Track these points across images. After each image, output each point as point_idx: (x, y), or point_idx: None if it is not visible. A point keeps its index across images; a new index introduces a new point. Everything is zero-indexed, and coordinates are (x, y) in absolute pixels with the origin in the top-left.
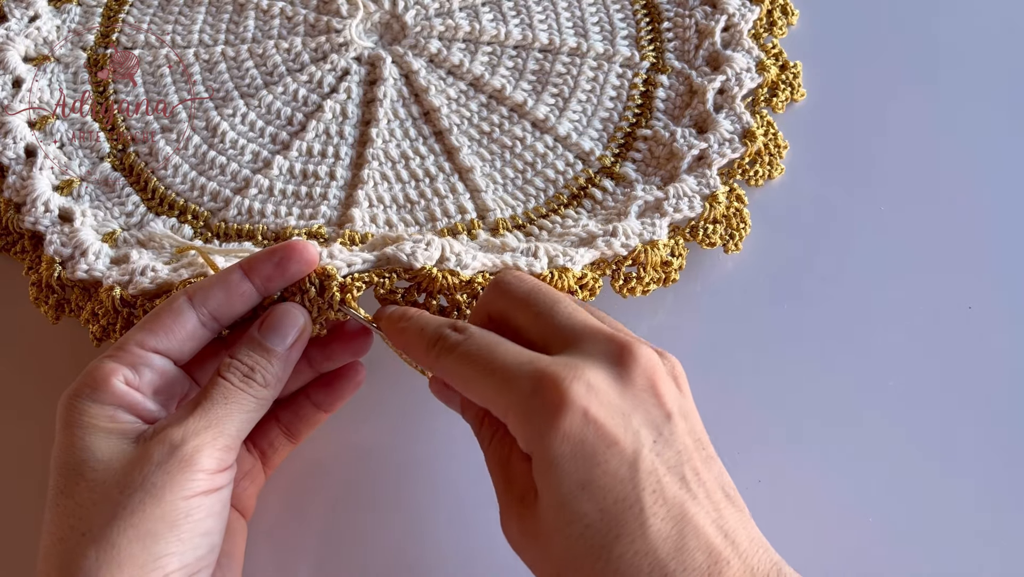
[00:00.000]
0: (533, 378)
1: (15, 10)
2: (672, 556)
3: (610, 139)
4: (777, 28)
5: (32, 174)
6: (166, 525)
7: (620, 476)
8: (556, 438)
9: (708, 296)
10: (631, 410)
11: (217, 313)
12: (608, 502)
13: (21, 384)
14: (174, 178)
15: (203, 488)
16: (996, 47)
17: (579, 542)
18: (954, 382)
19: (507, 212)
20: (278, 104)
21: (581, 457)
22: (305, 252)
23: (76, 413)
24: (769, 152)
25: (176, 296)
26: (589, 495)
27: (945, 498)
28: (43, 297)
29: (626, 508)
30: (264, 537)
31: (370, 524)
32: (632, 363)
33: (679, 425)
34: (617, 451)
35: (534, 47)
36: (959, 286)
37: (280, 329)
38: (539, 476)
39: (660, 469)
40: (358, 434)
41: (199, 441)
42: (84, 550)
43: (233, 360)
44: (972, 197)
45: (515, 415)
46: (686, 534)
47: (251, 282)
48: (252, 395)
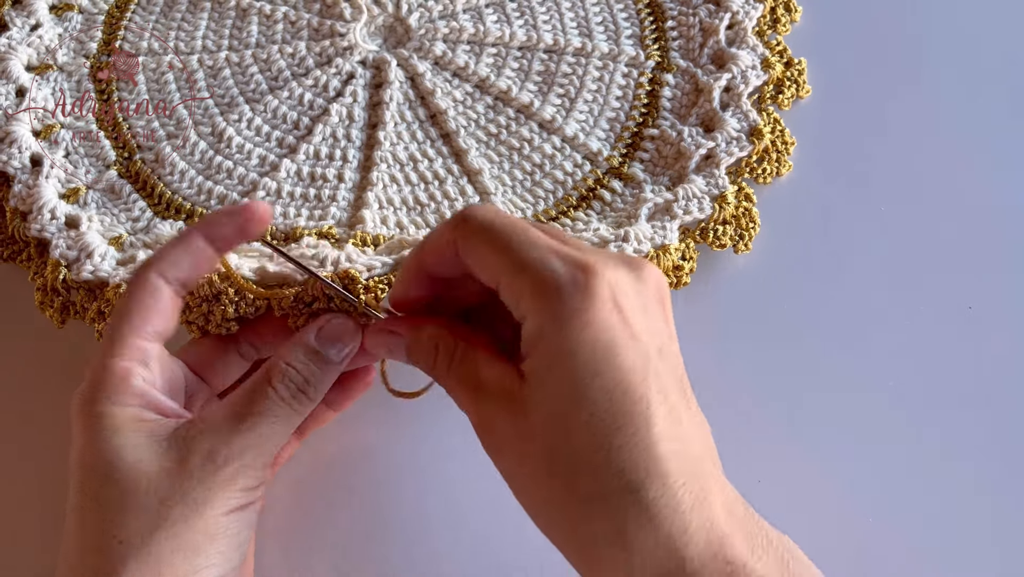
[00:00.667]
0: (566, 261)
1: (16, 19)
2: (668, 457)
3: (617, 139)
4: (781, 25)
5: (38, 183)
6: (207, 539)
7: (635, 370)
8: (580, 323)
9: (716, 294)
10: (648, 318)
11: (186, 281)
12: (618, 393)
13: (27, 392)
14: (181, 183)
15: (241, 503)
16: (1001, 43)
17: (581, 431)
18: (954, 382)
19: (517, 215)
20: (284, 109)
21: (602, 345)
22: (262, 211)
23: (98, 417)
24: (777, 149)
25: (144, 274)
26: (601, 384)
27: (945, 498)
28: (48, 300)
29: (634, 401)
30: (270, 534)
31: (377, 521)
32: (648, 275)
33: (675, 346)
34: (635, 346)
35: (539, 48)
36: (960, 286)
37: (340, 340)
38: (547, 363)
39: (665, 375)
40: (362, 432)
41: (242, 462)
42: (123, 560)
43: (288, 367)
44: (975, 195)
45: (537, 296)
46: (683, 439)
47: (212, 246)
48: (299, 412)
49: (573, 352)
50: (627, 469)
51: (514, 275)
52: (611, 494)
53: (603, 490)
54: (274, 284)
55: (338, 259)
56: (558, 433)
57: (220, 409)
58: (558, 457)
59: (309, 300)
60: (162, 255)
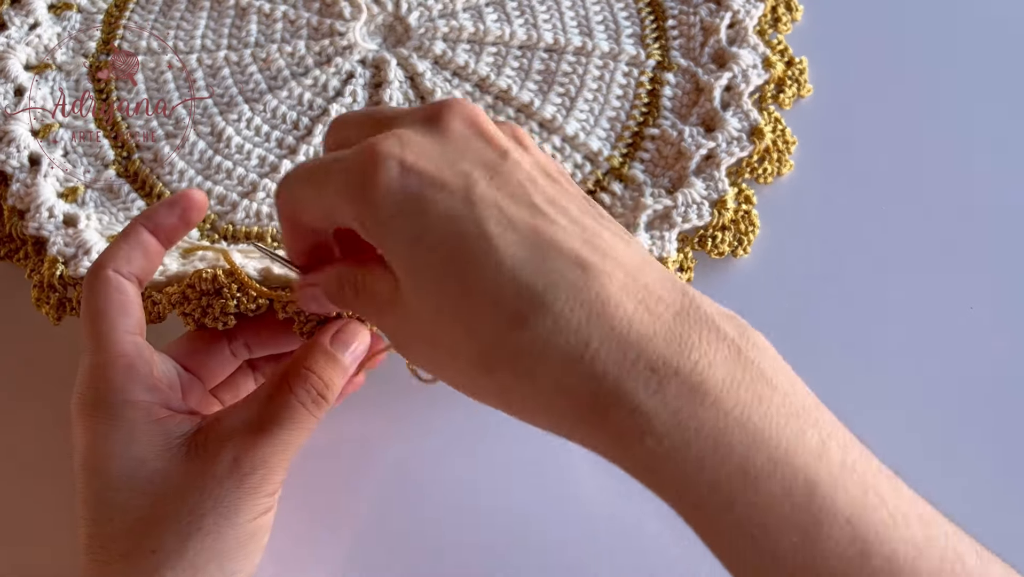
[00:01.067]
0: (353, 150)
1: (15, 18)
2: (536, 276)
3: (618, 139)
4: (782, 24)
5: (36, 181)
6: (238, 545)
7: (455, 213)
8: (377, 196)
9: (716, 295)
10: (457, 157)
11: (142, 276)
12: (450, 243)
13: (22, 392)
14: (180, 184)
15: (266, 508)
16: (1003, 41)
17: (436, 292)
18: (955, 382)
19: None
20: (283, 108)
21: (408, 206)
22: (199, 198)
23: (109, 418)
24: (778, 149)
25: (100, 274)
26: (428, 241)
27: (945, 499)
28: (44, 297)
29: (471, 241)
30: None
31: (368, 516)
32: (448, 114)
33: (521, 159)
34: (447, 192)
35: (539, 47)
36: (960, 286)
37: (353, 346)
38: (383, 251)
39: (502, 200)
40: (352, 425)
41: (267, 469)
42: (158, 568)
43: (310, 373)
44: (977, 195)
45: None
46: (548, 256)
47: (156, 238)
48: (318, 417)
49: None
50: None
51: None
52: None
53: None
54: (277, 286)
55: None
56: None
57: (239, 416)
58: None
59: None
60: (113, 252)
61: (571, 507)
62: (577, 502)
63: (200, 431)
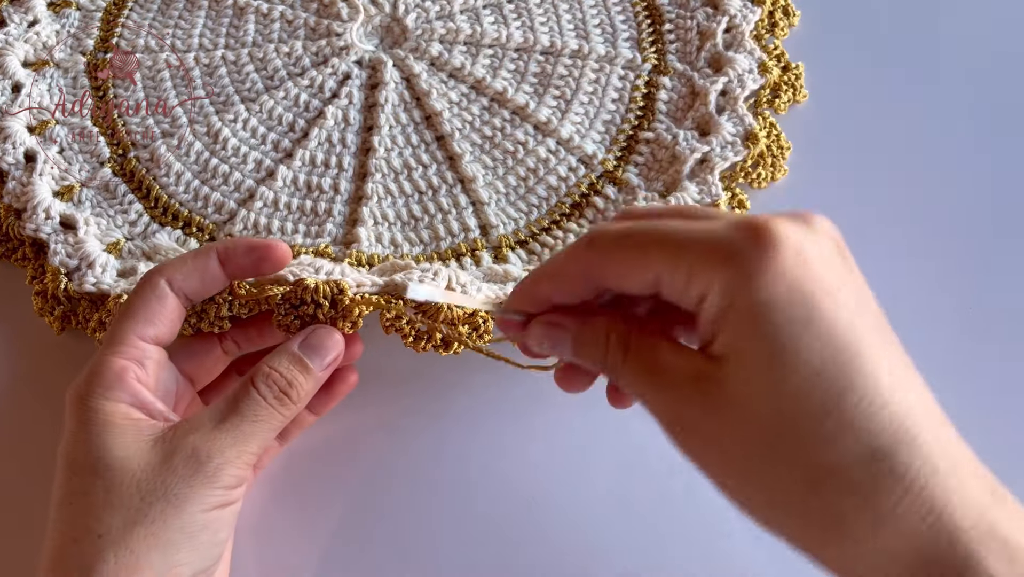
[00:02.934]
0: (727, 225)
1: (14, 15)
2: (909, 415)
3: (612, 142)
4: (779, 29)
5: (32, 180)
6: (185, 536)
7: (841, 322)
8: (769, 276)
9: None
10: (830, 265)
11: (192, 296)
12: (830, 349)
13: (19, 390)
14: (176, 186)
15: (221, 502)
16: (997, 47)
17: (802, 397)
18: (954, 382)
19: (509, 226)
20: (279, 109)
21: (799, 298)
22: (282, 255)
23: (90, 411)
24: (772, 154)
25: (153, 279)
26: (812, 338)
27: None
28: (48, 308)
29: (852, 357)
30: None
31: (354, 517)
32: (819, 225)
33: (870, 295)
34: (833, 297)
35: (535, 49)
36: (960, 286)
37: (321, 350)
38: (745, 326)
39: (872, 326)
40: (336, 426)
41: (224, 459)
42: (102, 552)
43: (272, 370)
44: (973, 197)
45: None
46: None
47: (224, 270)
48: (282, 413)
49: (771, 307)
50: (870, 433)
51: (676, 262)
52: (854, 464)
53: (843, 461)
54: (267, 284)
55: (332, 271)
56: (772, 405)
57: (206, 410)
58: (777, 434)
59: (296, 302)
60: (176, 265)
61: (568, 507)
62: (572, 502)
63: (169, 429)
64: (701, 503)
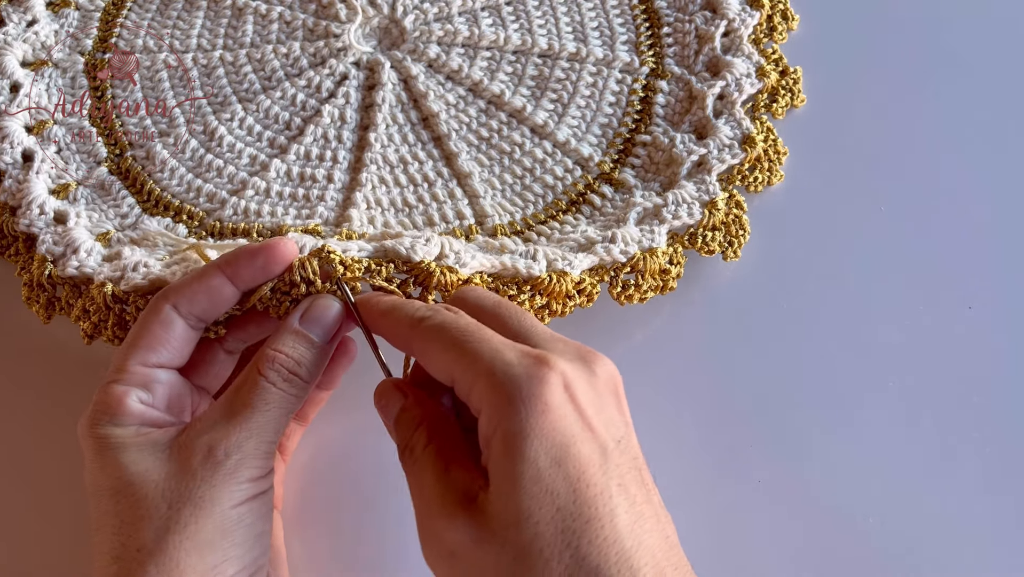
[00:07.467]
0: (518, 352)
1: (13, 15)
2: (634, 551)
3: (609, 145)
4: (777, 33)
5: (28, 178)
6: (220, 534)
7: (593, 462)
8: (537, 408)
9: (706, 303)
10: (601, 406)
11: (203, 316)
12: (581, 485)
13: (14, 388)
14: (170, 181)
15: (249, 495)
16: (995, 51)
17: (548, 527)
18: (954, 382)
19: (505, 218)
20: (276, 109)
21: (559, 434)
22: (286, 249)
23: (100, 438)
24: (769, 158)
25: (158, 305)
26: (564, 474)
27: (945, 498)
28: (34, 296)
29: (597, 493)
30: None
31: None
32: (600, 367)
33: (633, 438)
34: (591, 437)
35: (533, 52)
36: (959, 287)
37: (323, 321)
38: (505, 453)
39: (624, 467)
40: (336, 426)
41: (242, 454)
42: (143, 565)
43: (277, 353)
44: (972, 199)
45: (491, 385)
46: (643, 533)
47: (233, 284)
48: (294, 394)
49: (534, 436)
50: (600, 566)
51: (466, 369)
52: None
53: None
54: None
55: (317, 245)
56: (524, 532)
57: (215, 407)
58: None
59: (287, 288)
60: (180, 289)
61: None
62: None
63: (181, 433)
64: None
